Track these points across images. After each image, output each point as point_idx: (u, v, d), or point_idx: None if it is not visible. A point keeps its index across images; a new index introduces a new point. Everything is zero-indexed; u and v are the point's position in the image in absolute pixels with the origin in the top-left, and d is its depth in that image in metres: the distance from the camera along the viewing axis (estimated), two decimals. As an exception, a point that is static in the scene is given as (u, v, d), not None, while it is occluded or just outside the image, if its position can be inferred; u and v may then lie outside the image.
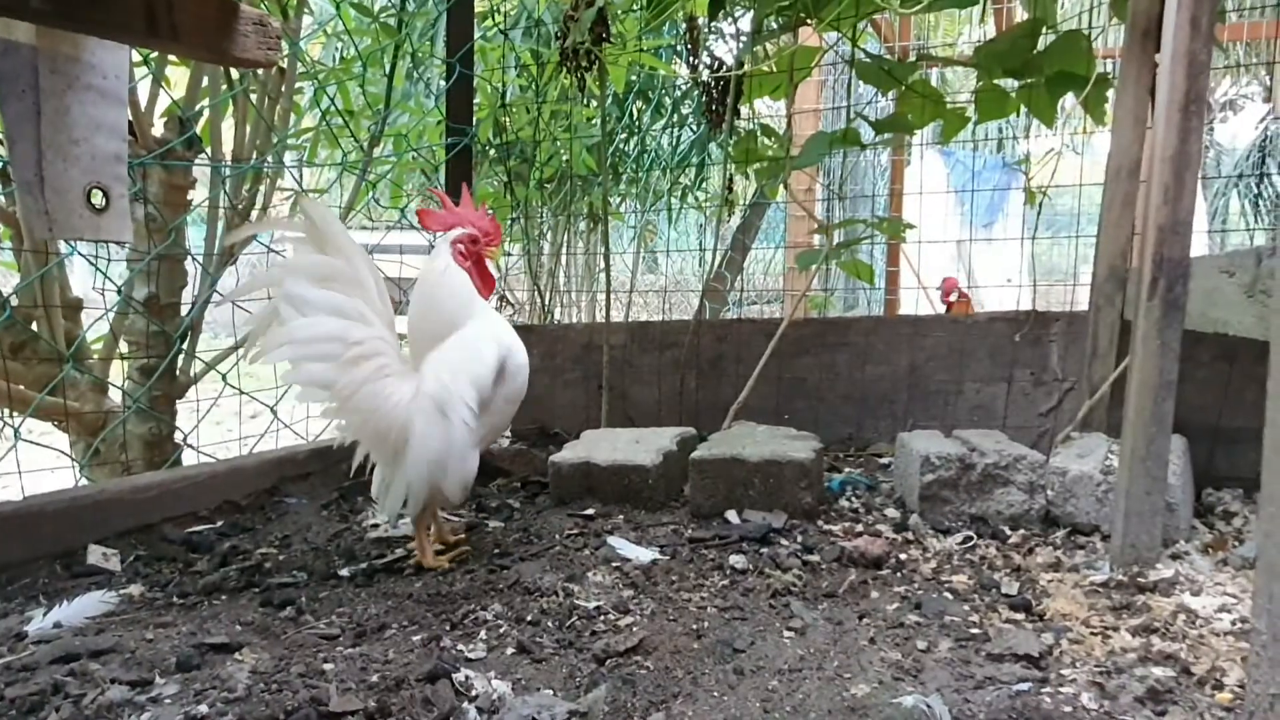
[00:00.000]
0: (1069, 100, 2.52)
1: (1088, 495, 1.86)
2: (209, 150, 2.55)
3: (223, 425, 2.86)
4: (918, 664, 1.31)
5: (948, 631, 1.43)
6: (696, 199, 4.61)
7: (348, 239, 1.80)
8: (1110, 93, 2.31)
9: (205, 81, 2.53)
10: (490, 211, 1.99)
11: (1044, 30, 2.43)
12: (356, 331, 1.74)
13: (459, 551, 1.89)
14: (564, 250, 4.28)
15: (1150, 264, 1.52)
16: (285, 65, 2.57)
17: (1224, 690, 1.19)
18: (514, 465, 2.61)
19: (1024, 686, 1.22)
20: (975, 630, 1.43)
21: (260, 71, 2.59)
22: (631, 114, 4.34)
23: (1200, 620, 1.40)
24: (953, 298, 5.60)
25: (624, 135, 4.38)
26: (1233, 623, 1.40)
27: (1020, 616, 1.49)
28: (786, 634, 1.43)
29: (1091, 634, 1.40)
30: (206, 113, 2.54)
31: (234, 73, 2.50)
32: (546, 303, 3.52)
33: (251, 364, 1.92)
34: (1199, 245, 7.90)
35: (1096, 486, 1.84)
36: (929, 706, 1.15)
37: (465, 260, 1.91)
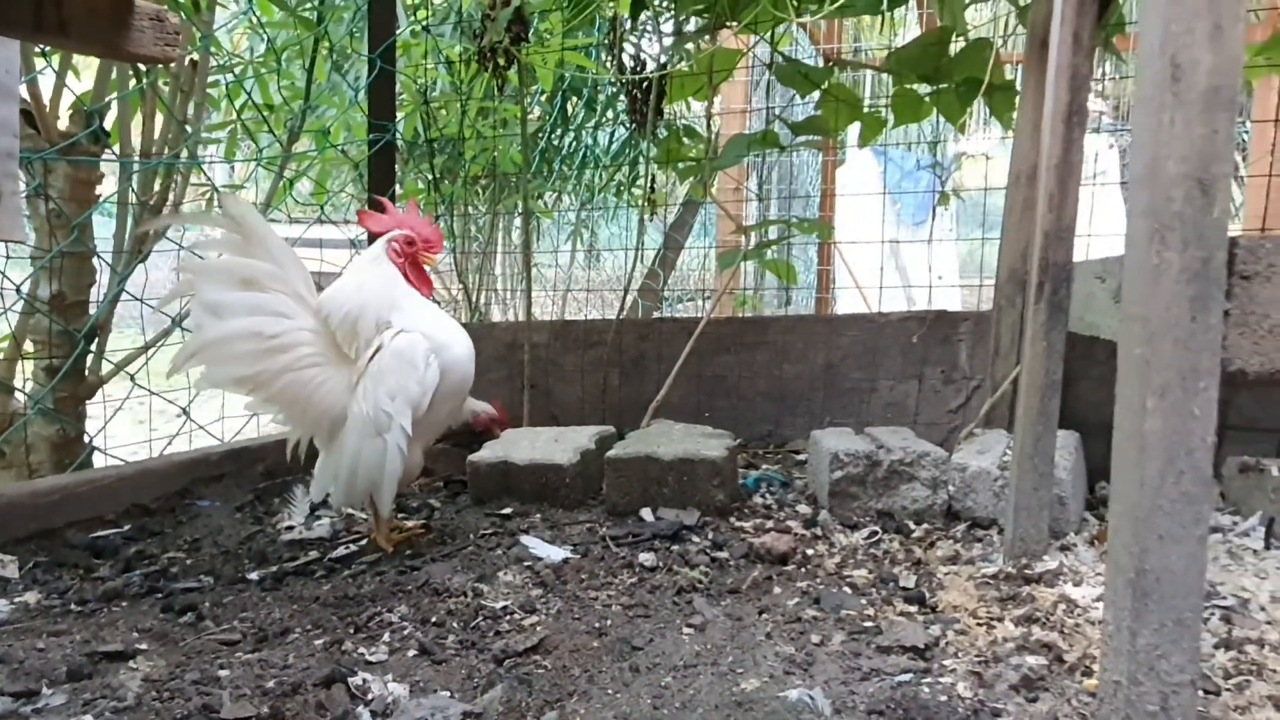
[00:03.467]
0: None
1: (986, 490, 1.92)
2: (118, 145, 2.48)
3: (146, 424, 2.80)
4: (810, 658, 1.35)
5: (843, 625, 1.48)
6: (632, 196, 4.63)
7: (268, 231, 1.81)
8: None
9: (114, 74, 2.46)
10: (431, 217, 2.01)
11: (955, 37, 2.50)
12: (273, 326, 1.77)
13: (410, 532, 1.99)
14: (497, 248, 4.26)
15: (1037, 268, 1.59)
16: (198, 59, 2.51)
17: (1092, 677, 1.25)
18: (436, 464, 2.60)
19: (906, 677, 1.26)
20: (869, 623, 1.48)
21: (173, 65, 2.52)
22: (565, 111, 4.34)
23: (1079, 610, 1.47)
24: None
25: (557, 132, 4.38)
26: (1108, 611, 1.46)
27: (914, 609, 1.54)
28: (686, 631, 1.46)
29: (978, 625, 1.45)
30: (115, 106, 2.47)
31: (142, 65, 2.43)
32: (474, 301, 3.50)
33: (169, 379, 1.92)
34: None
35: (994, 482, 1.91)
36: (812, 699, 1.19)
37: (398, 258, 1.92)
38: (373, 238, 1.99)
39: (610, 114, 4.43)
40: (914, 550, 1.83)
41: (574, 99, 4.32)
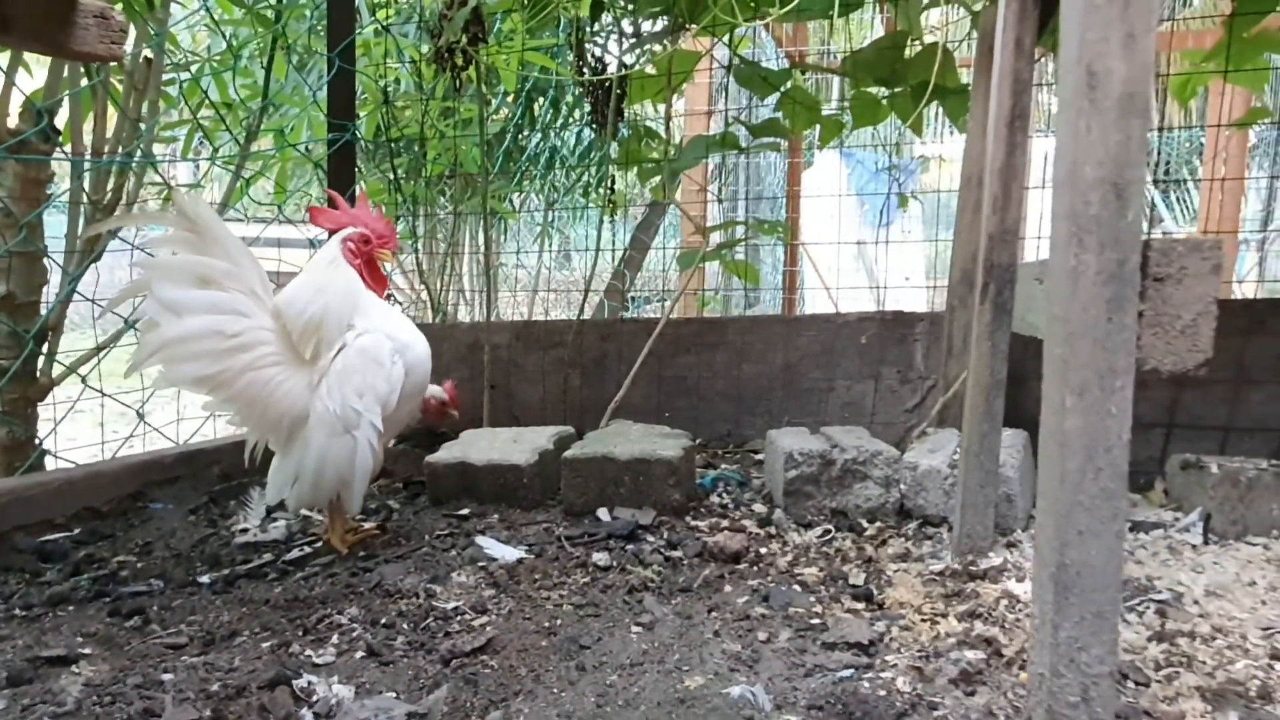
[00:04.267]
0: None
1: (936, 488, 1.95)
2: (70, 143, 2.45)
3: (107, 427, 2.77)
4: (755, 655, 1.37)
5: (790, 622, 1.49)
6: (598, 196, 4.63)
7: (224, 230, 1.78)
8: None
9: (66, 71, 2.42)
10: (383, 212, 2.00)
11: (911, 41, 2.54)
12: (233, 325, 1.75)
13: (366, 533, 1.98)
14: (464, 249, 4.25)
15: (982, 270, 1.62)
16: (152, 56, 2.48)
17: (1027, 670, 1.28)
18: (396, 466, 2.60)
19: (848, 673, 1.28)
20: (816, 620, 1.50)
21: (126, 62, 2.50)
22: (531, 111, 4.33)
23: (1020, 605, 1.50)
24: None
25: (524, 133, 4.37)
26: (1048, 606, 1.49)
27: (860, 606, 1.56)
28: (635, 629, 1.47)
29: (922, 620, 1.48)
30: (67, 104, 2.44)
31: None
32: (437, 301, 3.49)
33: (127, 378, 1.89)
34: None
35: (944, 480, 1.94)
36: (754, 695, 1.20)
37: (354, 258, 1.92)
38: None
39: (577, 114, 4.44)
40: (865, 548, 1.85)
41: (540, 99, 4.32)
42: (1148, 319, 0.88)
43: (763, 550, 1.85)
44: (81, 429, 3.52)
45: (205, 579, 1.77)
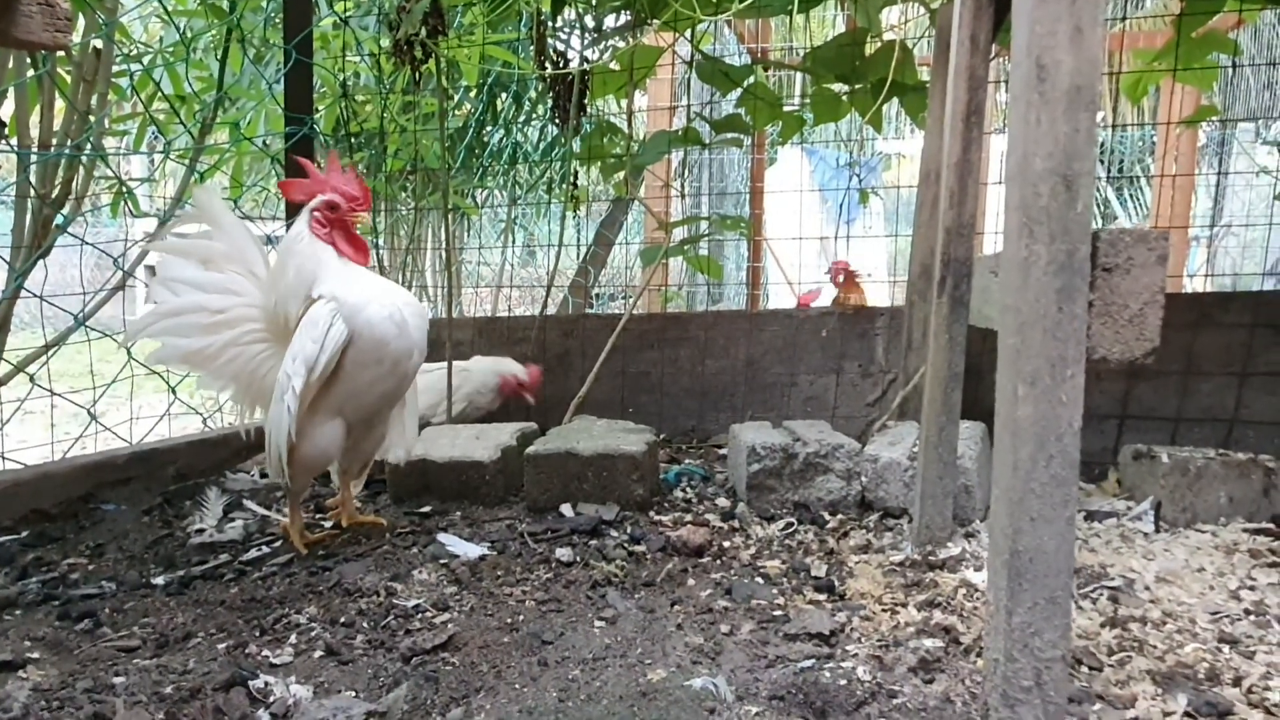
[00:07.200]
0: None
1: (896, 480, 1.97)
2: (16, 136, 2.38)
3: (59, 427, 2.70)
4: (718, 647, 1.37)
5: (752, 614, 1.50)
6: (561, 192, 4.61)
7: (231, 218, 1.91)
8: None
9: (11, 62, 2.35)
10: (355, 173, 1.89)
11: (870, 38, 2.56)
12: (218, 302, 1.83)
13: (325, 533, 1.97)
14: (426, 245, 4.21)
15: (939, 263, 1.63)
16: (101, 46, 2.42)
17: (983, 656, 1.30)
18: (357, 464, 2.56)
19: (809, 663, 1.29)
20: (778, 612, 1.51)
21: (75, 53, 2.43)
22: (493, 107, 4.30)
23: (977, 593, 1.52)
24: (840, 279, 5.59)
25: (486, 128, 4.34)
26: (1005, 594, 1.51)
27: (822, 597, 1.57)
28: (598, 624, 1.47)
29: (882, 610, 1.49)
30: (12, 95, 2.37)
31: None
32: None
33: (120, 350, 2.06)
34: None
35: (904, 472, 1.96)
36: (715, 687, 1.21)
37: (323, 227, 1.81)
38: (296, 208, 1.90)
39: (540, 110, 4.41)
40: (827, 540, 1.87)
41: (502, 94, 4.29)
42: (1097, 308, 0.90)
43: (726, 544, 1.86)
44: (31, 430, 3.43)
45: (159, 581, 1.74)
